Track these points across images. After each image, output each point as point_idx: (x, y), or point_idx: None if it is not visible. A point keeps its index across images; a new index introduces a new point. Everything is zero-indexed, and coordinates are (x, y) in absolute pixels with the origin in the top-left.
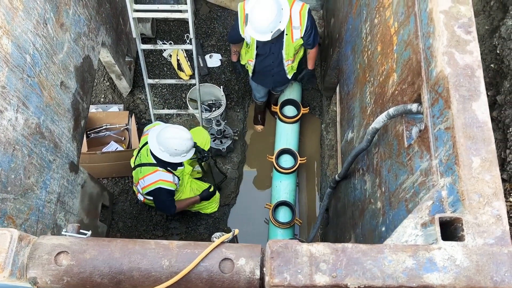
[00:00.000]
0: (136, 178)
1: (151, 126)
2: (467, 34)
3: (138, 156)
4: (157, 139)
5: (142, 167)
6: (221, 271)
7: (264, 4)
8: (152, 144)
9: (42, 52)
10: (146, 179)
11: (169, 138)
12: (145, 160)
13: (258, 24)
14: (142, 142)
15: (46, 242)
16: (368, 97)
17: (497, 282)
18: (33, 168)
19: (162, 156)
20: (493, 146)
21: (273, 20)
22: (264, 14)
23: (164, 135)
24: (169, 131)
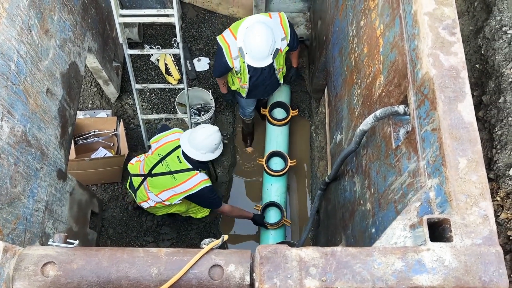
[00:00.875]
0: (161, 186)
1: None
2: (452, 35)
3: (164, 164)
4: (194, 146)
5: (176, 175)
6: (210, 278)
7: (258, 33)
8: (191, 152)
9: (27, 59)
10: (187, 184)
11: (207, 138)
12: (177, 167)
13: (258, 53)
14: (166, 150)
15: (32, 253)
16: (356, 99)
17: (486, 282)
18: (20, 177)
19: (207, 157)
20: (479, 147)
21: (271, 43)
22: (261, 42)
23: (200, 137)
24: (201, 133)
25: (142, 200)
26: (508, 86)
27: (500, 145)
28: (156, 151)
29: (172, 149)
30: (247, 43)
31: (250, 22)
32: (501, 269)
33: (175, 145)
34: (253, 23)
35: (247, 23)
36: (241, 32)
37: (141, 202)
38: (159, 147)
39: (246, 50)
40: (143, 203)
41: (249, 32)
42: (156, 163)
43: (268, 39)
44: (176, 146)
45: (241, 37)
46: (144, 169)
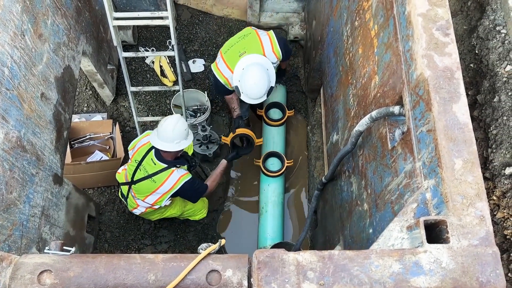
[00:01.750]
0: (144, 191)
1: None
2: (445, 36)
3: (141, 169)
4: (166, 139)
5: (155, 177)
6: (208, 283)
7: (254, 77)
8: (165, 146)
9: (21, 64)
10: (167, 183)
11: (175, 127)
12: (154, 170)
13: (254, 95)
14: (139, 155)
15: (28, 261)
16: (352, 100)
17: (483, 283)
18: (15, 183)
19: (182, 145)
20: (474, 148)
21: (266, 85)
22: (257, 86)
23: (168, 129)
24: (168, 124)
25: (132, 207)
26: (502, 85)
27: (496, 144)
28: (133, 157)
29: (145, 152)
30: (243, 85)
31: (246, 63)
32: (498, 270)
33: (148, 148)
34: (248, 66)
35: (243, 64)
36: (238, 72)
37: (133, 209)
38: (134, 153)
39: (242, 90)
40: (135, 210)
41: (245, 75)
42: (135, 169)
43: (264, 82)
44: (148, 149)
45: (237, 77)
46: (127, 177)
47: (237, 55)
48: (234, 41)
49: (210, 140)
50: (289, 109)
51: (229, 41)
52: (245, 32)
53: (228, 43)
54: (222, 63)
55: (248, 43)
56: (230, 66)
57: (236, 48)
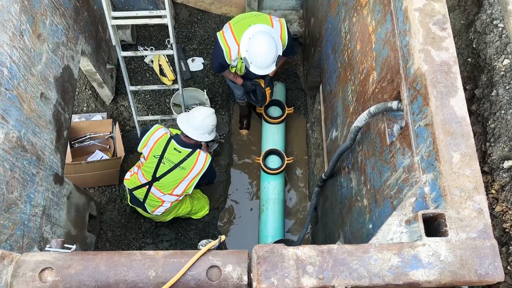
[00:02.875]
0: (172, 183)
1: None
2: (442, 30)
3: (165, 162)
4: (193, 127)
5: (182, 164)
6: (208, 279)
7: (262, 43)
8: (191, 132)
9: (20, 64)
10: (196, 166)
11: (205, 119)
12: (180, 158)
13: (263, 63)
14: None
15: (29, 259)
16: (350, 96)
17: (481, 275)
18: (16, 182)
19: (204, 138)
20: (472, 141)
21: (274, 53)
22: (266, 52)
23: (199, 118)
24: (200, 114)
25: (154, 207)
26: (500, 79)
27: (494, 138)
28: (150, 154)
29: (165, 144)
30: (251, 54)
31: (252, 32)
32: (496, 262)
33: (166, 140)
34: (255, 33)
35: (250, 33)
36: (244, 42)
37: (155, 209)
38: (151, 149)
39: (251, 60)
40: (158, 210)
41: (253, 43)
42: (157, 165)
43: (272, 49)
44: (167, 140)
45: (244, 48)
46: (145, 177)
47: (247, 27)
48: (245, 16)
49: None
50: (289, 106)
51: (240, 15)
52: (258, 12)
53: (238, 17)
54: (229, 33)
55: (259, 19)
56: (236, 37)
57: (246, 22)
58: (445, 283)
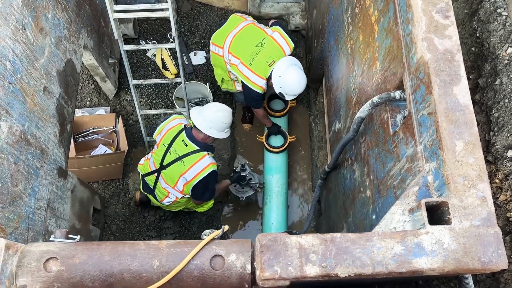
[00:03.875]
0: (174, 175)
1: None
2: (445, 18)
3: (171, 152)
4: (202, 117)
5: (185, 158)
6: (212, 268)
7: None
8: (199, 122)
9: (23, 58)
10: (195, 167)
11: (217, 111)
12: (185, 151)
13: (298, 91)
14: (169, 138)
15: (34, 249)
16: (353, 87)
17: (485, 263)
18: (20, 176)
19: (211, 132)
20: (475, 129)
21: (305, 78)
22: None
23: (211, 109)
24: (213, 106)
25: (163, 197)
26: (504, 68)
27: (498, 127)
28: (161, 141)
29: (176, 134)
30: (288, 89)
31: (281, 69)
32: (500, 250)
33: (178, 130)
34: (283, 73)
35: (278, 72)
36: (276, 80)
37: (163, 199)
38: (162, 137)
39: (286, 92)
40: (165, 200)
41: (287, 81)
42: (165, 153)
43: (303, 78)
44: (179, 131)
45: (278, 85)
46: (155, 164)
47: (266, 65)
48: (253, 50)
49: (248, 183)
50: None
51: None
52: (258, 37)
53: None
54: (253, 76)
55: (271, 50)
56: (261, 75)
57: (262, 59)
58: (448, 270)
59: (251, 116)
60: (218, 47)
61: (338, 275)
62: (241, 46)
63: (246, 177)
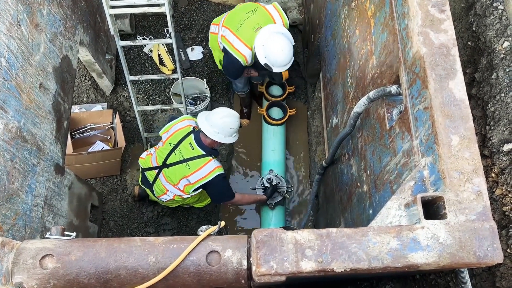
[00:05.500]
0: (177, 176)
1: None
2: (441, 13)
3: (177, 153)
4: (209, 123)
5: (190, 162)
6: (208, 263)
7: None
8: (206, 128)
9: (18, 54)
10: (201, 171)
11: (224, 117)
12: (191, 155)
13: (285, 62)
14: (176, 138)
15: (30, 246)
16: (350, 82)
17: (480, 257)
18: (17, 173)
19: (218, 138)
20: (471, 123)
21: (291, 47)
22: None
23: (218, 115)
24: (220, 112)
25: (160, 193)
26: (500, 62)
27: (494, 122)
28: (167, 140)
29: (183, 136)
30: (272, 59)
31: (264, 38)
32: (495, 244)
33: (186, 132)
34: (267, 39)
35: (261, 40)
36: (259, 50)
37: (160, 195)
38: (169, 136)
39: (272, 63)
40: (163, 196)
41: (270, 49)
42: (169, 152)
43: (288, 47)
44: (187, 133)
45: (262, 55)
46: (157, 161)
47: (253, 31)
48: (242, 17)
49: (277, 188)
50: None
51: (235, 15)
52: (251, 7)
53: (236, 19)
54: (238, 42)
55: (260, 17)
56: (247, 43)
57: (249, 24)
58: (444, 265)
59: (248, 111)
60: (215, 25)
61: (334, 270)
62: (233, 17)
63: (274, 182)
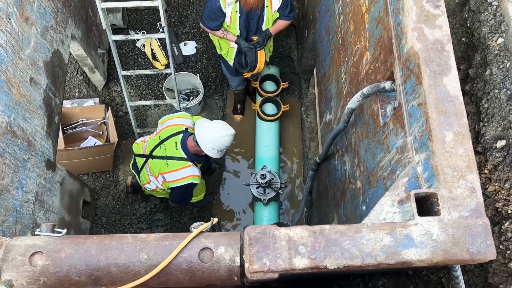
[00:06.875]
0: (157, 169)
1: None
2: (436, 8)
3: (162, 147)
4: (208, 137)
5: (170, 161)
6: (200, 260)
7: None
8: (203, 142)
9: (8, 48)
10: (177, 173)
11: (223, 136)
12: (172, 154)
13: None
14: (167, 133)
15: (19, 243)
16: (344, 78)
17: (473, 253)
18: (7, 168)
19: (211, 153)
20: (465, 120)
21: None
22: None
23: (217, 133)
24: (221, 129)
25: (145, 181)
26: (494, 58)
27: (487, 118)
28: (159, 133)
29: (173, 133)
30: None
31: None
32: (488, 240)
33: (177, 130)
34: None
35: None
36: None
37: (145, 183)
38: (162, 129)
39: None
40: (146, 185)
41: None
42: (156, 145)
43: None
44: (177, 131)
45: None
46: (146, 150)
47: None
48: None
49: (270, 184)
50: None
51: None
52: None
53: None
54: None
55: None
56: None
57: None
58: (437, 262)
59: (242, 107)
60: None
61: (327, 267)
62: None
63: (268, 177)
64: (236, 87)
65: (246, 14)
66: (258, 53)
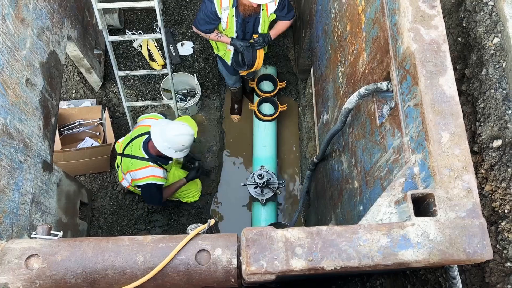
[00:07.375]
0: (125, 167)
1: (145, 118)
2: (432, 8)
3: (130, 146)
4: (163, 137)
5: (133, 160)
6: (197, 262)
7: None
8: (158, 142)
9: (3, 49)
10: (138, 173)
11: (179, 135)
12: (136, 153)
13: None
14: (136, 132)
15: (15, 246)
16: (341, 78)
17: (470, 253)
18: (3, 170)
19: (168, 153)
20: (461, 120)
21: None
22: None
23: (172, 132)
24: (176, 128)
25: (121, 178)
26: (490, 58)
27: (483, 118)
28: (132, 131)
29: (141, 133)
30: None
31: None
32: (485, 241)
33: (144, 131)
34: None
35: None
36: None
37: (121, 180)
38: (135, 128)
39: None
40: (123, 181)
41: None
42: (127, 143)
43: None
44: (144, 132)
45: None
46: (121, 147)
47: None
48: None
49: (267, 184)
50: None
51: None
52: None
53: None
54: None
55: None
56: None
57: None
58: (434, 262)
59: (239, 107)
60: None
61: (324, 268)
62: None
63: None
64: (233, 85)
65: (243, 18)
66: (258, 51)
